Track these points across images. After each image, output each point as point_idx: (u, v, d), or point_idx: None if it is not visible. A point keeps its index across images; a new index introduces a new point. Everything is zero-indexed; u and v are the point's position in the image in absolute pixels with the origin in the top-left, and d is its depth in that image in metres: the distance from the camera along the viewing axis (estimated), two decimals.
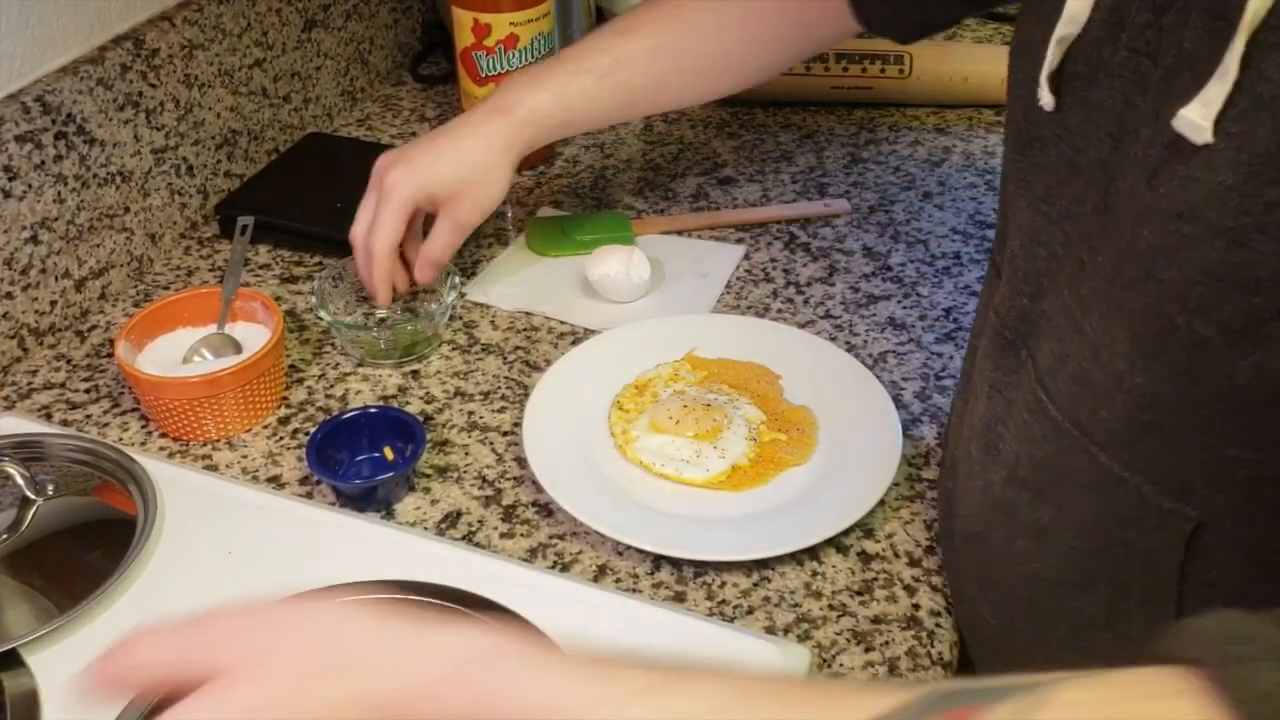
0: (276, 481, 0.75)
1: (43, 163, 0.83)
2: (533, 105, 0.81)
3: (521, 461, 0.75)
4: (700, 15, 0.84)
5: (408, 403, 0.81)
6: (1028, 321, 0.54)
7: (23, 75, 0.83)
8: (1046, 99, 0.51)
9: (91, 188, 0.88)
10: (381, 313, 0.88)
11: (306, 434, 0.78)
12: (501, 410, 0.81)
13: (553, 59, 0.84)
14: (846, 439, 0.75)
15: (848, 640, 0.64)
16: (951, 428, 0.67)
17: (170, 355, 0.80)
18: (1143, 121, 0.45)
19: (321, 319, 0.83)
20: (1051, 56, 0.50)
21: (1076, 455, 0.51)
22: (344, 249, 0.91)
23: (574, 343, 0.86)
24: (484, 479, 0.75)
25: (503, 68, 1.01)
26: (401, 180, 0.80)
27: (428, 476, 0.75)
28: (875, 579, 0.68)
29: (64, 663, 0.61)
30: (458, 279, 0.85)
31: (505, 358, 0.85)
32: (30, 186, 0.82)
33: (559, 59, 0.84)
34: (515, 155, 0.82)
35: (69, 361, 0.86)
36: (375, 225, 0.81)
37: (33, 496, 0.70)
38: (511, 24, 0.99)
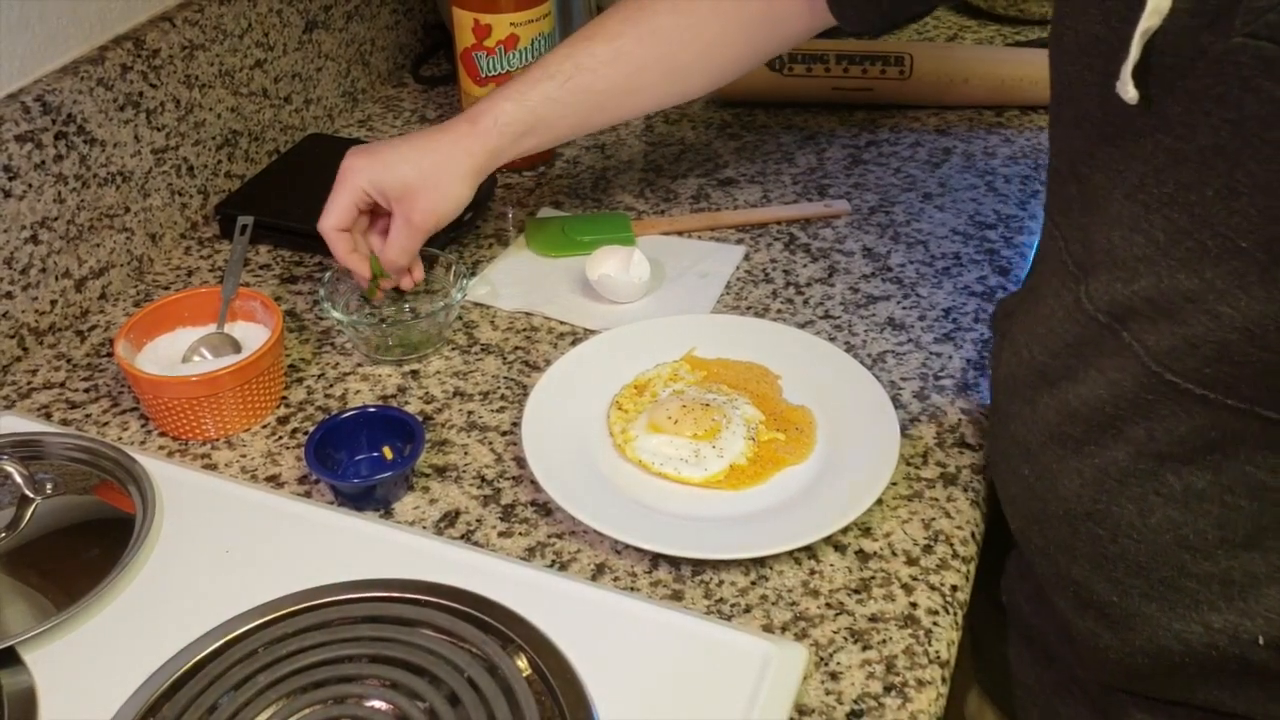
0: (275, 480, 0.75)
1: (43, 162, 0.83)
2: (496, 114, 0.82)
3: (520, 461, 0.75)
4: (663, 16, 0.84)
5: (407, 402, 0.81)
6: (1121, 305, 0.56)
7: (23, 75, 0.83)
8: (1130, 93, 0.51)
9: (92, 187, 0.88)
10: (388, 310, 0.88)
11: (305, 433, 0.78)
12: (501, 410, 0.81)
13: (523, 69, 0.85)
14: (845, 438, 0.75)
15: (845, 639, 0.64)
16: (1017, 418, 0.66)
17: (170, 355, 0.80)
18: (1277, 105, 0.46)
19: (328, 315, 0.84)
20: (1135, 50, 0.50)
21: (1238, 422, 0.53)
22: None
23: (574, 343, 0.86)
24: (483, 478, 0.75)
25: (503, 68, 1.01)
26: (357, 168, 0.81)
27: (426, 476, 0.75)
28: (873, 578, 0.68)
29: (61, 661, 0.62)
30: (465, 280, 0.85)
31: (505, 358, 0.85)
32: (30, 186, 0.82)
33: (527, 68, 0.85)
34: (478, 164, 0.82)
35: (69, 361, 0.86)
36: (326, 206, 0.82)
37: (31, 495, 0.70)
38: (512, 24, 0.99)
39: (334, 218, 0.81)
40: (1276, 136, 0.46)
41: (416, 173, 0.80)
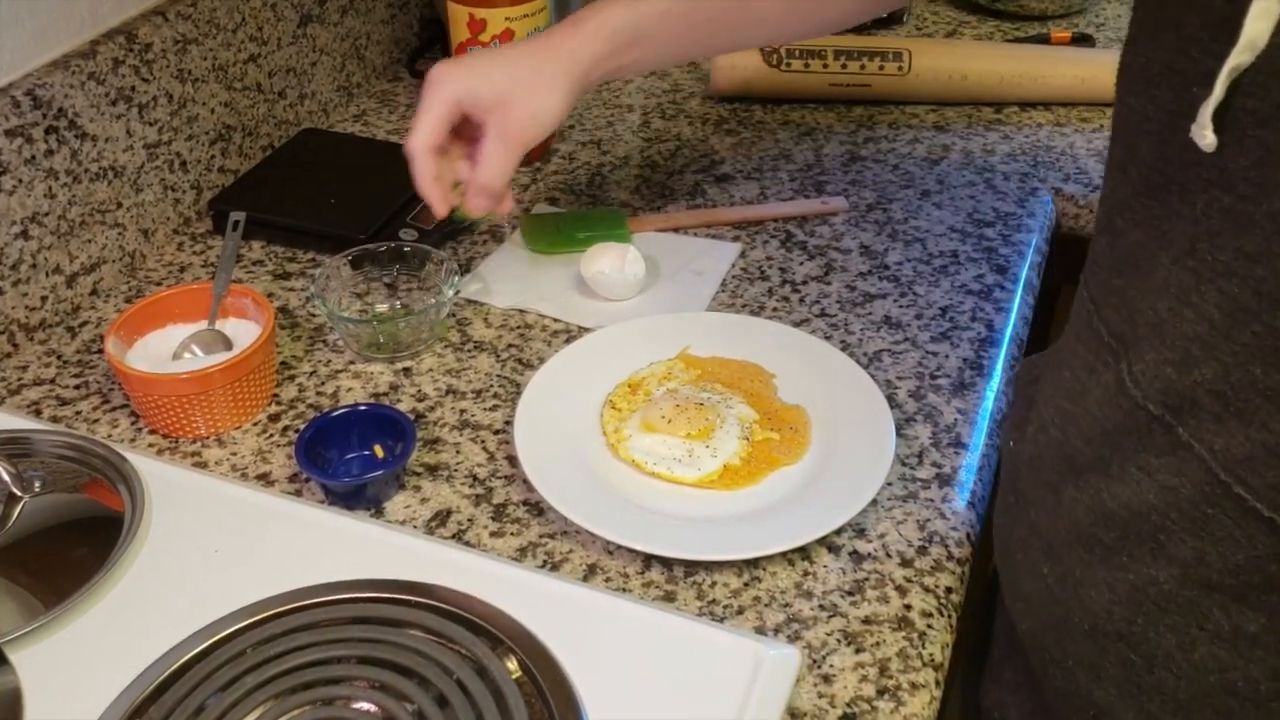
0: (266, 479, 0.75)
1: (33, 157, 0.82)
2: (605, 17, 0.75)
3: (513, 460, 0.75)
4: None
5: (399, 400, 0.81)
6: (1177, 395, 0.47)
7: (13, 69, 0.82)
8: (1209, 139, 0.43)
9: (83, 183, 0.87)
10: (380, 307, 0.88)
11: (297, 431, 0.77)
12: (493, 408, 0.80)
13: None
14: (840, 438, 0.74)
15: (838, 641, 0.63)
16: (1039, 505, 0.58)
17: (160, 351, 0.80)
18: None
19: (319, 311, 0.83)
20: (1220, 89, 0.42)
21: None
22: (338, 245, 0.91)
23: (568, 341, 0.85)
24: (475, 477, 0.74)
25: None
26: (446, 75, 0.73)
27: (418, 475, 0.74)
28: (867, 579, 0.67)
29: (48, 661, 0.61)
30: (457, 276, 0.85)
31: (498, 355, 0.85)
32: (20, 181, 0.82)
33: None
34: (581, 70, 0.75)
35: (59, 357, 0.85)
36: (414, 121, 0.75)
37: (19, 493, 0.69)
38: (507, 19, 0.99)
39: (425, 134, 0.74)
40: None
41: (511, 79, 0.73)
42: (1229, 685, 0.50)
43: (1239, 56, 0.41)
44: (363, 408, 0.75)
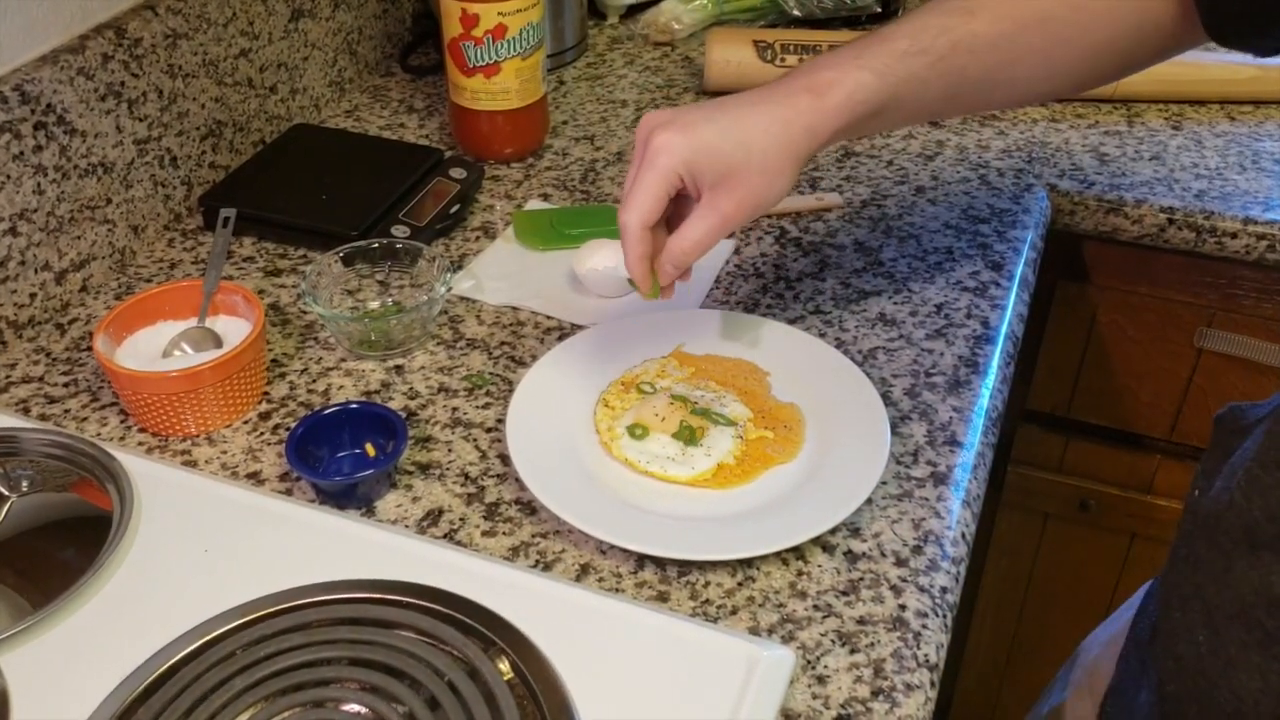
0: (256, 478, 0.74)
1: (21, 153, 0.82)
2: (853, 88, 0.65)
3: (505, 458, 0.74)
4: (1057, 5, 0.69)
5: (391, 398, 0.80)
6: None
7: (0, 64, 0.81)
8: None
9: (72, 179, 0.87)
10: (372, 304, 0.87)
11: (288, 429, 0.77)
12: (486, 406, 0.79)
13: (873, 34, 0.68)
14: (834, 436, 0.74)
15: (832, 641, 0.63)
16: (1206, 565, 0.55)
17: (150, 349, 0.79)
18: None
19: (310, 309, 0.82)
20: None
21: None
22: (330, 242, 0.90)
23: (561, 338, 0.85)
24: (467, 476, 0.74)
25: (491, 58, 1.00)
26: (671, 145, 0.65)
27: (410, 473, 0.74)
28: (861, 579, 0.67)
29: (35, 663, 0.60)
30: (449, 273, 0.84)
31: (491, 353, 0.84)
32: (9, 178, 0.81)
33: (883, 35, 0.68)
34: (816, 147, 0.66)
35: (48, 355, 0.84)
36: (629, 194, 0.67)
37: (6, 493, 0.69)
38: (500, 14, 0.98)
39: (644, 209, 0.66)
40: None
41: (744, 153, 0.65)
42: None
43: None
44: (354, 406, 0.75)
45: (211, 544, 0.67)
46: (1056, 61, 0.71)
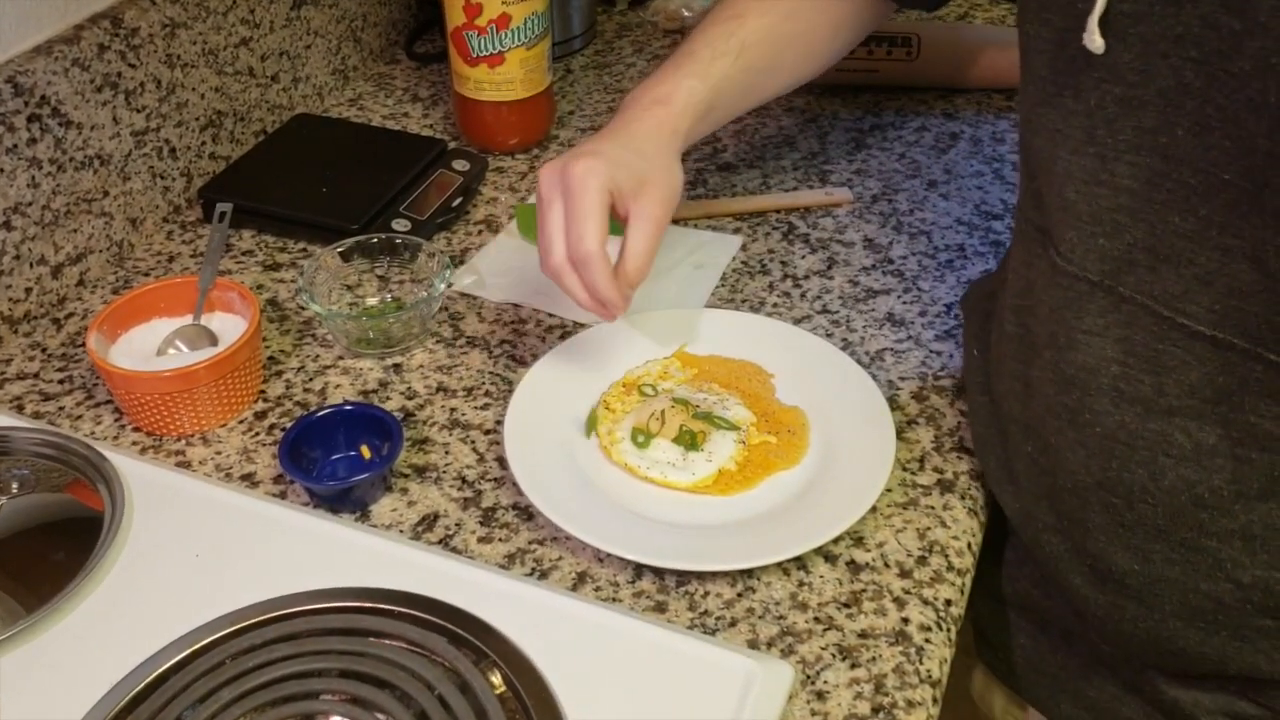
0: (250, 480, 0.73)
1: (15, 146, 0.80)
2: (686, 93, 0.76)
3: (503, 461, 0.73)
4: None
5: (388, 397, 0.79)
6: (1113, 260, 0.56)
7: None
8: (1097, 42, 0.52)
9: (68, 171, 0.85)
10: (371, 300, 0.86)
11: (283, 429, 0.75)
12: (485, 407, 0.78)
13: (680, 52, 0.79)
14: (839, 442, 0.72)
15: (833, 655, 0.62)
16: (1010, 395, 0.66)
17: (145, 347, 0.78)
18: (1247, 35, 0.47)
19: (307, 306, 0.81)
20: (1101, 1, 0.51)
21: (1244, 366, 0.53)
22: (330, 236, 0.89)
23: (562, 336, 0.83)
24: (464, 479, 0.73)
25: (495, 48, 0.98)
26: (593, 168, 0.68)
27: (406, 476, 0.73)
28: (864, 590, 0.65)
29: (21, 670, 0.60)
30: (449, 269, 0.83)
31: (491, 351, 0.83)
32: (2, 171, 0.80)
33: (688, 51, 0.79)
34: (680, 146, 0.75)
35: (44, 350, 0.83)
36: (574, 226, 0.68)
37: None
38: (504, 3, 0.96)
39: (597, 231, 0.68)
40: (1239, 68, 0.48)
41: (645, 161, 0.72)
42: (1198, 499, 0.57)
43: None
44: (349, 407, 0.74)
45: (203, 548, 0.66)
46: (813, 41, 0.84)
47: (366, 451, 0.73)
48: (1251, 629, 0.59)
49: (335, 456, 0.73)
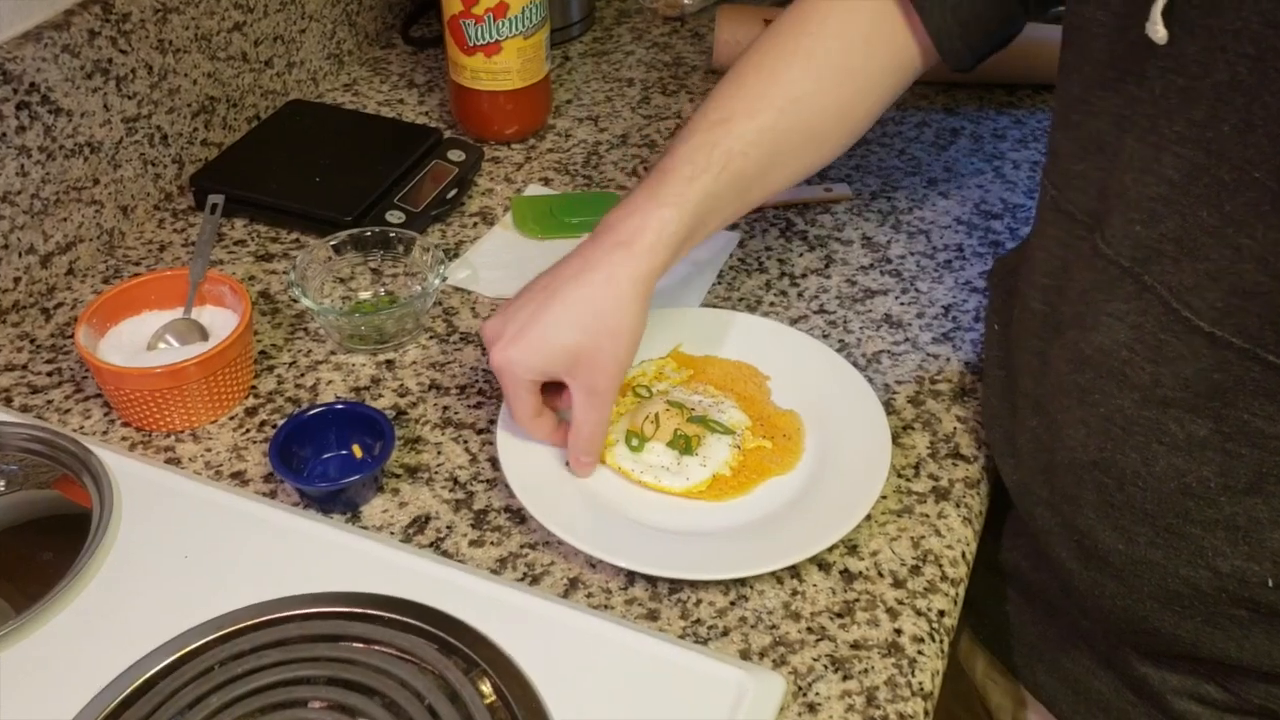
0: (240, 477, 0.72)
1: (4, 134, 0.79)
2: (658, 227, 0.68)
3: (495, 462, 0.72)
4: (799, 83, 0.73)
5: (380, 395, 0.78)
6: (1144, 247, 0.56)
7: None
8: (1161, 33, 0.52)
9: (58, 159, 0.84)
10: (363, 293, 0.85)
11: (274, 426, 0.75)
12: (478, 406, 0.77)
13: (658, 171, 0.71)
14: (834, 447, 0.72)
15: (825, 666, 0.61)
16: (1025, 371, 0.68)
17: (134, 341, 0.77)
18: None
19: (299, 302, 0.80)
20: None
21: (1241, 365, 0.54)
22: (323, 227, 0.88)
23: None
24: (455, 480, 0.72)
25: (492, 37, 0.97)
26: (510, 363, 0.67)
27: (397, 476, 0.72)
28: (857, 600, 0.65)
29: (7, 673, 0.59)
30: (443, 264, 0.82)
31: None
32: None
33: (666, 169, 0.71)
34: (646, 289, 0.68)
35: (32, 341, 0.82)
36: (513, 414, 0.70)
37: None
38: None
39: (524, 418, 0.70)
40: None
41: (581, 334, 0.66)
42: (1186, 488, 0.58)
43: None
44: (340, 406, 0.73)
45: (192, 549, 0.66)
46: (818, 131, 0.75)
47: (358, 450, 0.72)
48: (1225, 616, 0.61)
49: (326, 455, 0.73)
